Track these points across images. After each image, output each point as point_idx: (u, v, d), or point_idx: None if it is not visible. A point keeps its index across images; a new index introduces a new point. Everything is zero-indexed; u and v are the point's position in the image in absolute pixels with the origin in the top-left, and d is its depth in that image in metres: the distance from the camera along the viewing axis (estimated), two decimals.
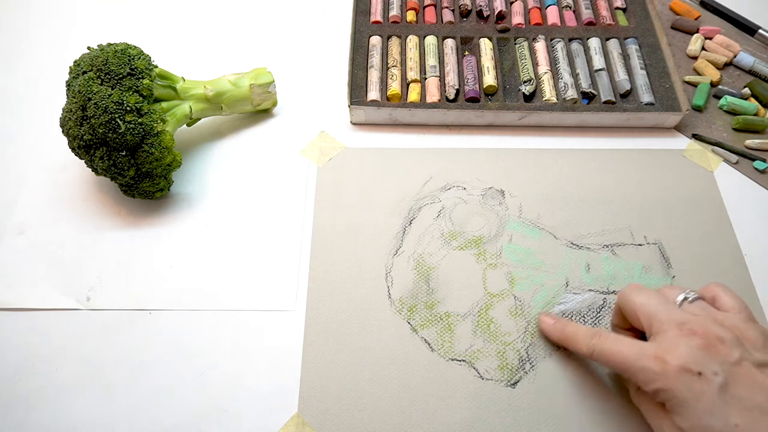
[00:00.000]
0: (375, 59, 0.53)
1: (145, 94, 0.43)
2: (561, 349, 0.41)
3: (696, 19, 0.59)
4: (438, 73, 0.53)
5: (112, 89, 0.42)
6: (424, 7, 0.58)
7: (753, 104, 0.52)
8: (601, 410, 0.39)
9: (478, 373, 0.40)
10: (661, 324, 0.33)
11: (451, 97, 0.51)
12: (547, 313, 0.41)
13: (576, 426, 0.38)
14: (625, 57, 0.54)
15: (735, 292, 0.35)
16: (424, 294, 0.43)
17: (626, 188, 0.48)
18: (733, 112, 0.52)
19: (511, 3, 0.58)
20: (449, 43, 0.55)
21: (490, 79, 0.52)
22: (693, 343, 0.31)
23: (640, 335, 0.37)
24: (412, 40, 0.55)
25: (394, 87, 0.52)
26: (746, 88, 0.53)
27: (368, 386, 0.40)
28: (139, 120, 0.42)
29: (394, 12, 0.57)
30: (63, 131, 0.44)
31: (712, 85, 0.54)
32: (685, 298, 0.34)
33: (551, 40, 0.55)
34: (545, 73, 0.52)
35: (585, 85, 0.52)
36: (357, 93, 0.52)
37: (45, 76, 0.56)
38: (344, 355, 0.41)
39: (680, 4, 0.60)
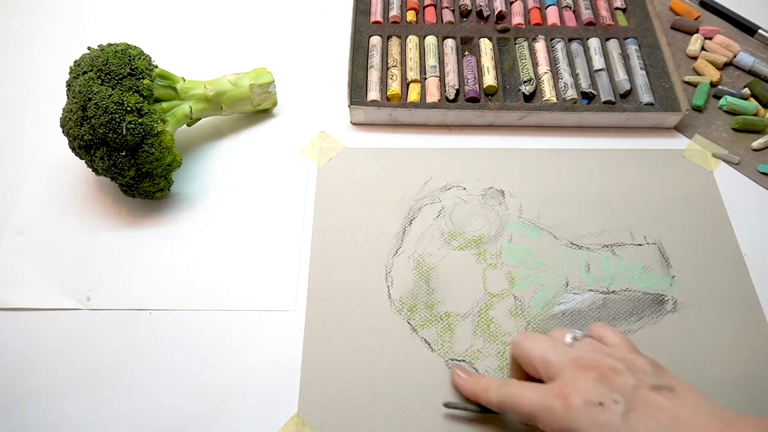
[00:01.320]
0: (375, 59, 0.53)
1: (145, 94, 0.43)
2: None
3: (696, 19, 0.59)
4: (438, 73, 0.53)
5: (113, 89, 0.42)
6: (424, 7, 0.58)
7: (753, 104, 0.52)
8: None
9: (478, 373, 0.40)
10: (556, 364, 0.33)
11: (451, 97, 0.51)
12: (460, 367, 0.39)
13: None
14: (625, 57, 0.54)
15: (616, 329, 0.36)
16: (424, 294, 0.43)
17: (626, 188, 0.48)
18: (732, 112, 0.52)
19: (511, 3, 0.58)
20: (449, 43, 0.55)
21: (490, 79, 0.52)
22: (590, 376, 0.32)
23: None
24: (412, 40, 0.55)
25: (394, 87, 0.52)
26: (746, 88, 0.53)
27: (368, 386, 0.40)
28: (140, 120, 0.42)
29: (394, 12, 0.57)
30: (63, 131, 0.44)
31: (712, 85, 0.54)
32: (574, 338, 0.35)
33: (551, 40, 0.55)
34: (545, 73, 0.53)
35: (585, 85, 0.52)
36: (357, 93, 0.52)
37: (45, 76, 0.56)
38: (344, 354, 0.41)
39: (680, 4, 0.60)
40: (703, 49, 0.56)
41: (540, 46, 0.55)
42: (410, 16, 0.57)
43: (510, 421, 0.37)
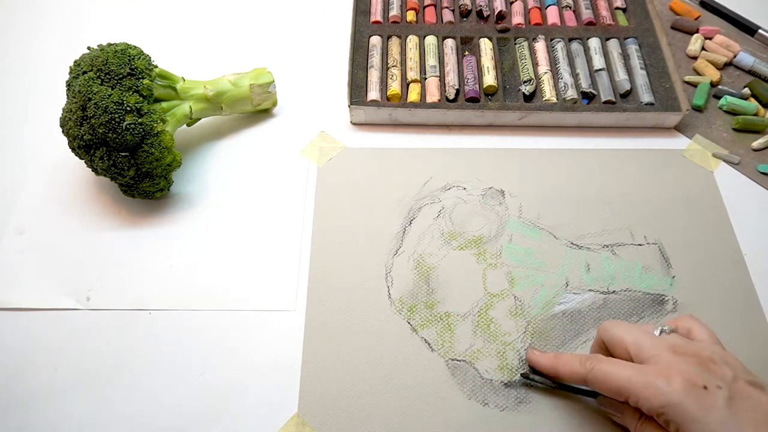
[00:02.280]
0: (375, 59, 0.53)
1: (145, 94, 0.43)
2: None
3: (696, 19, 0.59)
4: (438, 73, 0.53)
5: (112, 89, 0.42)
6: (424, 7, 0.58)
7: (753, 104, 0.52)
8: (601, 409, 0.38)
9: (478, 373, 0.40)
10: (651, 349, 0.33)
11: (451, 97, 0.51)
12: (535, 348, 0.40)
13: (577, 426, 0.38)
14: (625, 57, 0.54)
15: (706, 324, 0.36)
16: (424, 294, 0.43)
17: (626, 188, 0.48)
18: (733, 112, 0.52)
19: (511, 3, 0.58)
20: (449, 43, 0.55)
21: (490, 79, 0.52)
22: (691, 361, 0.32)
23: None
24: (412, 40, 0.55)
25: (394, 87, 0.52)
26: (746, 88, 0.53)
27: (368, 386, 0.40)
28: (139, 120, 0.42)
29: (394, 12, 0.57)
30: (63, 131, 0.44)
31: (712, 85, 0.54)
32: (662, 331, 0.35)
33: (551, 40, 0.55)
34: (545, 73, 0.52)
35: (585, 85, 0.52)
36: (357, 93, 0.52)
37: (45, 76, 0.56)
38: (344, 354, 0.41)
39: (680, 4, 0.60)
40: (703, 49, 0.56)
41: (540, 46, 0.55)
42: (410, 16, 0.57)
43: (582, 400, 0.38)
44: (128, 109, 0.42)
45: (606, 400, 0.37)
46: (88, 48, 0.45)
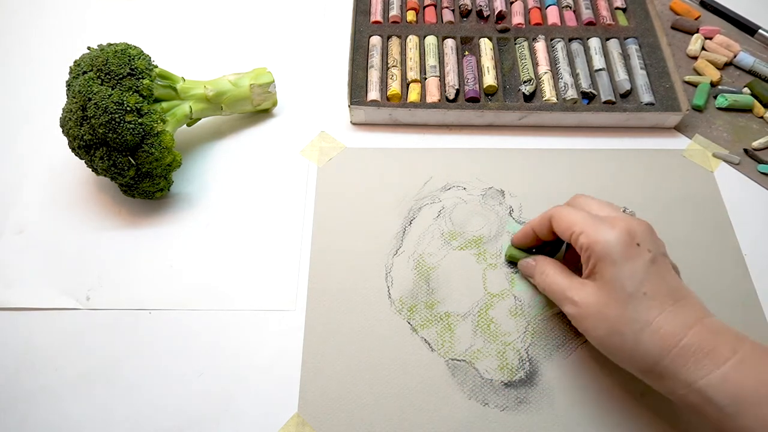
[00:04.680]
0: (375, 59, 0.53)
1: (145, 94, 0.43)
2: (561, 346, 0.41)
3: (696, 19, 0.59)
4: (438, 73, 0.53)
5: (112, 89, 0.42)
6: (424, 7, 0.58)
7: (749, 97, 0.52)
8: (601, 410, 0.39)
9: (478, 373, 0.40)
10: (612, 211, 0.37)
11: (451, 97, 0.51)
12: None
13: (577, 426, 0.38)
14: (625, 57, 0.54)
15: None
16: (424, 294, 0.43)
17: (626, 188, 0.48)
18: (732, 108, 0.52)
19: (511, 3, 0.58)
20: (449, 43, 0.55)
21: (490, 79, 0.52)
22: (641, 224, 0.36)
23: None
24: (412, 40, 0.55)
25: (394, 87, 0.52)
26: (746, 88, 0.53)
27: (368, 386, 0.40)
28: (139, 120, 0.42)
29: (394, 12, 0.57)
30: (63, 131, 0.44)
31: (712, 85, 0.54)
32: (625, 210, 0.39)
33: (551, 40, 0.55)
34: (545, 73, 0.52)
35: (585, 85, 0.52)
36: (357, 93, 0.52)
37: (45, 76, 0.56)
38: (344, 354, 0.41)
39: (680, 4, 0.60)
40: (703, 48, 0.56)
41: (540, 45, 0.55)
42: (410, 16, 0.57)
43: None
44: (128, 109, 0.42)
45: (523, 262, 0.42)
46: (88, 48, 0.45)
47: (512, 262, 0.44)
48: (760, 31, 0.57)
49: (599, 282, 0.35)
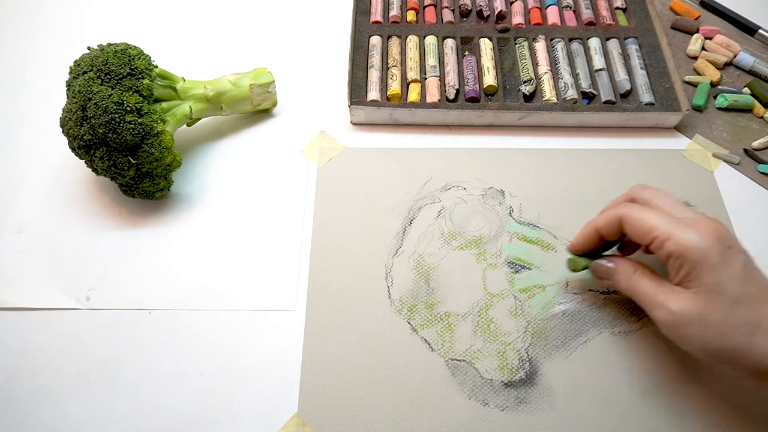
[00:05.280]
0: (375, 59, 0.53)
1: (145, 94, 0.43)
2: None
3: (696, 19, 0.59)
4: (438, 73, 0.53)
5: (112, 89, 0.42)
6: (424, 7, 0.58)
7: (749, 97, 0.52)
8: (601, 410, 0.39)
9: (478, 373, 0.40)
10: (685, 209, 0.36)
11: (451, 97, 0.51)
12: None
13: (577, 426, 0.38)
14: (625, 57, 0.54)
15: None
16: (424, 294, 0.43)
17: (626, 188, 0.48)
18: (732, 108, 0.52)
19: (511, 3, 0.58)
20: (449, 43, 0.55)
21: (490, 79, 0.52)
22: (718, 223, 0.34)
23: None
24: (412, 40, 0.55)
25: (394, 87, 0.52)
26: (746, 88, 0.53)
27: (368, 386, 0.40)
28: (139, 120, 0.42)
29: (394, 12, 0.57)
30: (63, 131, 0.44)
31: (712, 85, 0.54)
32: (687, 204, 0.38)
33: (551, 40, 0.55)
34: (545, 73, 0.52)
35: (585, 85, 0.52)
36: (357, 93, 0.52)
37: (45, 76, 0.56)
38: (344, 355, 0.41)
39: (680, 4, 0.60)
40: (703, 49, 0.56)
41: (540, 45, 0.55)
42: (410, 16, 0.57)
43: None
44: (128, 109, 0.42)
45: (598, 264, 0.39)
46: (88, 48, 0.45)
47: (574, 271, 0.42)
48: (760, 31, 0.57)
49: (697, 289, 0.33)
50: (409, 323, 0.42)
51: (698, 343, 0.34)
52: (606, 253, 0.41)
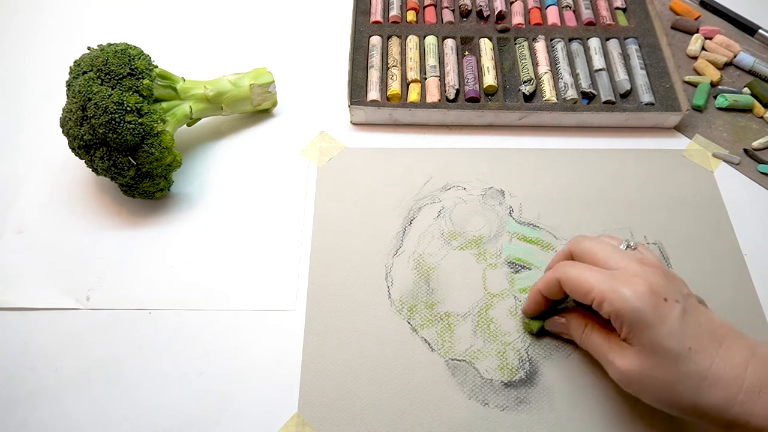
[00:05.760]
0: (375, 59, 0.53)
1: (145, 94, 0.43)
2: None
3: (696, 19, 0.59)
4: (438, 73, 0.53)
5: (112, 89, 0.42)
6: (424, 7, 0.58)
7: (749, 97, 0.52)
8: (601, 410, 0.38)
9: (478, 372, 0.40)
10: (620, 260, 0.35)
11: (451, 97, 0.51)
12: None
13: (577, 426, 0.38)
14: (625, 57, 0.54)
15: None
16: (424, 294, 0.43)
17: (626, 188, 0.48)
18: (733, 108, 0.52)
19: (511, 3, 0.58)
20: (449, 43, 0.55)
21: (490, 79, 0.52)
22: (656, 273, 0.34)
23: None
24: (412, 40, 0.55)
25: (394, 87, 0.52)
26: (746, 88, 0.53)
27: (368, 386, 0.40)
28: (139, 120, 0.42)
29: (394, 12, 0.57)
30: (63, 131, 0.44)
31: (712, 85, 0.54)
32: (628, 245, 0.37)
33: (551, 40, 0.55)
34: (545, 73, 0.52)
35: (585, 85, 0.52)
36: (357, 93, 0.52)
37: (45, 76, 0.56)
38: (344, 355, 0.41)
39: (680, 4, 0.60)
40: (703, 49, 0.56)
41: (540, 46, 0.55)
42: (410, 16, 0.57)
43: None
44: (128, 109, 0.42)
45: (551, 322, 0.40)
46: (88, 48, 0.45)
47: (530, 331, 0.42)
48: (760, 31, 0.57)
49: (638, 346, 0.33)
50: (409, 323, 0.42)
51: (652, 399, 0.34)
52: (561, 306, 0.41)
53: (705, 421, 0.33)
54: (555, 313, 0.40)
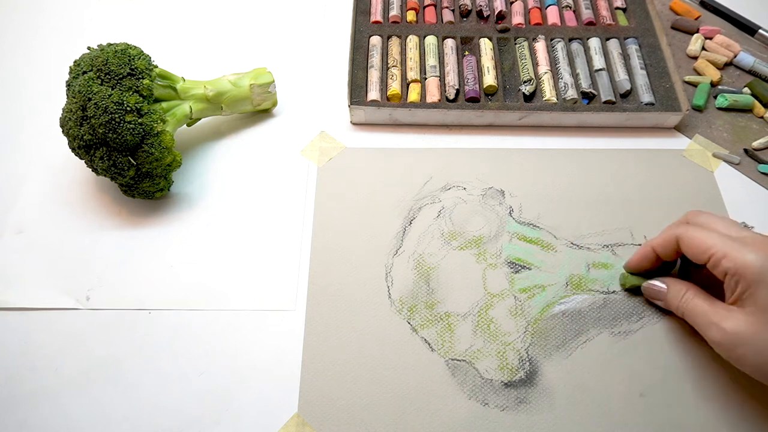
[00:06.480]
0: (375, 59, 0.53)
1: (145, 94, 0.43)
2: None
3: (696, 19, 0.59)
4: (438, 73, 0.53)
5: (112, 89, 0.42)
6: (424, 7, 0.58)
7: (749, 97, 0.52)
8: (601, 410, 0.39)
9: (478, 373, 0.40)
10: (741, 230, 0.35)
11: (451, 97, 0.51)
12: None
13: (577, 426, 0.38)
14: (625, 57, 0.54)
15: None
16: (424, 294, 0.43)
17: (626, 188, 0.48)
18: (733, 108, 0.52)
19: (511, 3, 0.58)
20: (449, 43, 0.55)
21: (490, 79, 0.52)
22: None
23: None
24: (412, 40, 0.55)
25: (394, 87, 0.52)
26: (746, 88, 0.53)
27: (368, 386, 0.40)
28: (139, 120, 0.42)
29: (394, 12, 0.57)
30: (63, 131, 0.44)
31: (713, 85, 0.54)
32: (745, 225, 0.38)
33: (551, 40, 0.55)
34: (545, 73, 0.52)
35: (585, 85, 0.52)
36: (357, 93, 0.52)
37: (45, 76, 0.56)
38: (344, 355, 0.41)
39: (680, 4, 0.60)
40: (703, 48, 0.56)
41: (540, 45, 0.55)
42: (410, 16, 0.57)
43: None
44: (128, 109, 0.42)
45: (648, 285, 0.40)
46: (88, 48, 0.45)
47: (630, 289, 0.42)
48: (760, 31, 0.57)
49: (752, 307, 0.33)
50: (409, 323, 0.42)
51: (753, 364, 0.33)
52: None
53: None
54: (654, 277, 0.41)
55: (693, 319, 0.37)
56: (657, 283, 0.40)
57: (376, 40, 0.55)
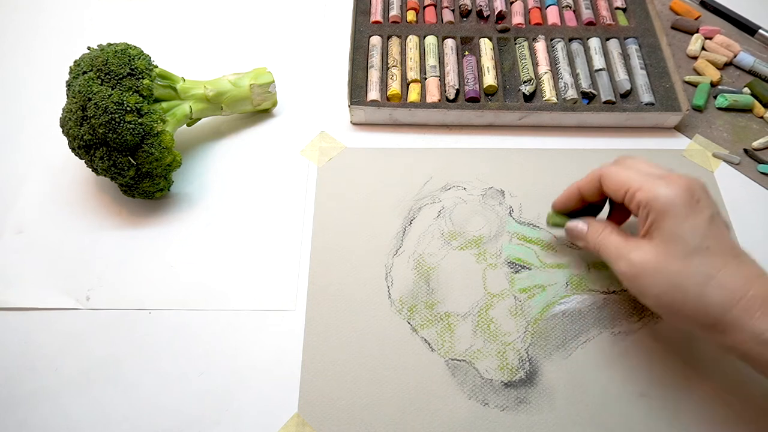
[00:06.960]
0: (375, 59, 0.53)
1: (145, 94, 0.43)
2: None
3: (696, 19, 0.59)
4: (438, 73, 0.53)
5: (112, 89, 0.42)
6: (424, 7, 0.58)
7: (749, 97, 0.52)
8: (601, 410, 0.39)
9: (478, 373, 0.40)
10: (664, 170, 0.36)
11: (451, 97, 0.51)
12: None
13: (577, 426, 0.38)
14: (625, 57, 0.54)
15: None
16: (424, 294, 0.43)
17: None
18: (733, 108, 0.52)
19: (511, 3, 0.58)
20: (449, 43, 0.55)
21: (490, 79, 0.52)
22: (697, 182, 0.35)
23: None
24: (412, 40, 0.55)
25: (394, 87, 0.52)
26: (746, 88, 0.53)
27: (368, 386, 0.40)
28: (139, 120, 0.42)
29: (394, 12, 0.57)
30: (63, 131, 0.44)
31: (713, 85, 0.54)
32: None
33: (551, 40, 0.55)
34: (545, 73, 0.52)
35: (585, 85, 0.52)
36: (357, 93, 0.52)
37: (45, 76, 0.56)
38: (344, 355, 0.41)
39: (680, 4, 0.60)
40: (703, 48, 0.56)
41: (540, 45, 0.55)
42: (410, 16, 0.57)
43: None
44: (128, 109, 0.42)
45: (571, 225, 0.41)
46: (88, 48, 0.45)
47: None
48: (760, 31, 0.57)
49: (658, 239, 0.34)
50: (409, 323, 0.42)
51: (654, 294, 0.34)
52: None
53: (698, 327, 0.34)
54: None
55: (606, 253, 0.37)
56: (579, 223, 0.41)
57: (376, 40, 0.55)
